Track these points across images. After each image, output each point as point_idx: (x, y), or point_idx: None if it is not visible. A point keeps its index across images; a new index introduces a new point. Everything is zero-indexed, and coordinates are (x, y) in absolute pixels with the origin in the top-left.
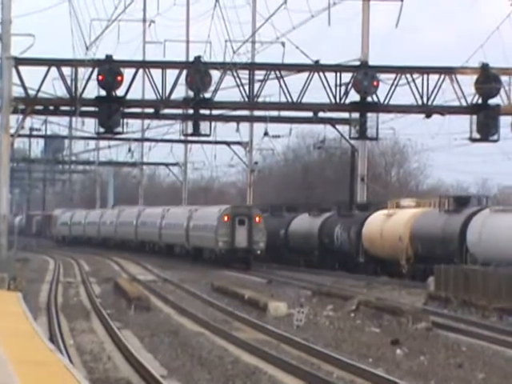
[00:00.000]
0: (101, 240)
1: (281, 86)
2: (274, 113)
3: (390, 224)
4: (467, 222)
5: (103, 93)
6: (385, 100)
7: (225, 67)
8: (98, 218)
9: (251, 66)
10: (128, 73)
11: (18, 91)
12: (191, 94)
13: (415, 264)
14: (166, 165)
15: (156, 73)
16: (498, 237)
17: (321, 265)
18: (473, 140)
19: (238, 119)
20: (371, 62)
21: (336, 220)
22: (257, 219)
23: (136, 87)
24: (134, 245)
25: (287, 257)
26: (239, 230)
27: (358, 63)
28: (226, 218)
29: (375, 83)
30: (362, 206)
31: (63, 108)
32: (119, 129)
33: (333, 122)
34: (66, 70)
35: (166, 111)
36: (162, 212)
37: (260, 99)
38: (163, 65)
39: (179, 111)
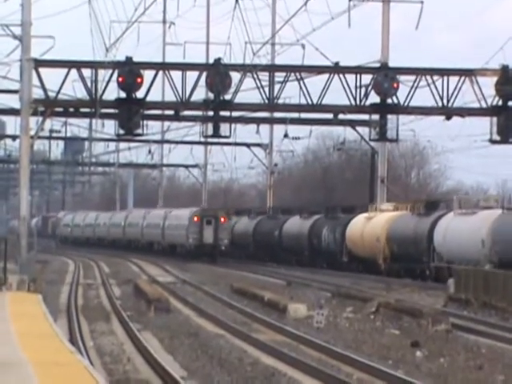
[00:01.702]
0: (96, 240)
1: (301, 87)
2: (294, 114)
3: (369, 226)
4: (434, 224)
5: (123, 94)
6: (405, 102)
7: (245, 69)
8: (94, 220)
9: (271, 68)
10: (148, 74)
11: (37, 93)
12: (211, 95)
13: (391, 263)
14: (186, 166)
15: (176, 75)
16: (460, 237)
17: (310, 264)
18: (493, 142)
19: (258, 121)
20: (391, 64)
21: (324, 222)
22: (222, 220)
23: (156, 89)
24: (122, 243)
25: (281, 256)
26: (207, 228)
27: (377, 65)
28: (195, 219)
29: (395, 85)
30: (347, 209)
31: (83, 110)
32: (139, 130)
33: (353, 123)
34: (86, 72)
35: (186, 113)
36: (144, 214)
37: (280, 101)
38: (183, 66)
39: (199, 113)
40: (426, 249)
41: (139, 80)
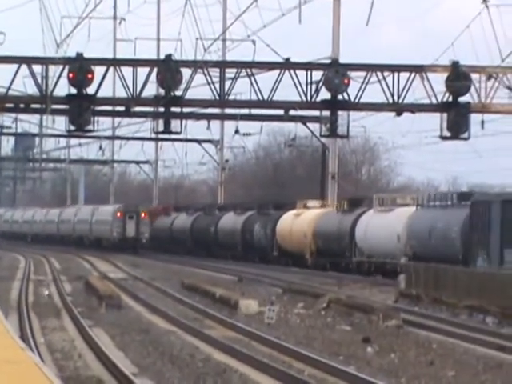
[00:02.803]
0: (33, 235)
1: (251, 83)
2: (245, 111)
3: (297, 222)
4: (356, 221)
5: (74, 91)
6: (355, 98)
7: (196, 65)
8: (31, 217)
9: (222, 64)
10: (99, 70)
11: None
12: (162, 91)
13: (317, 257)
14: (137, 162)
15: (127, 71)
16: (378, 233)
17: (243, 258)
18: (443, 138)
19: (209, 117)
20: (342, 60)
21: (256, 218)
22: (143, 215)
23: (107, 85)
24: (56, 238)
25: (217, 251)
26: (129, 223)
27: (328, 61)
28: (119, 214)
29: (346, 81)
30: (279, 206)
31: (34, 106)
32: (90, 127)
33: (304, 119)
34: (37, 68)
35: (137, 109)
36: (76, 211)
37: (231, 97)
38: (134, 63)
39: (150, 109)
40: (349, 244)
41: (90, 76)
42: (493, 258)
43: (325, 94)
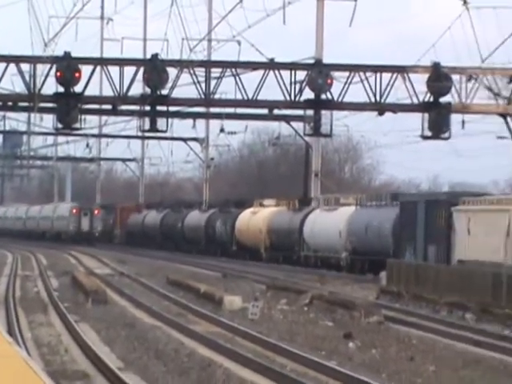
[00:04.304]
0: (5, 230)
1: (236, 83)
2: (230, 110)
3: (254, 219)
4: (304, 219)
5: (61, 89)
6: (339, 97)
7: (181, 65)
8: (3, 214)
9: (207, 64)
10: (86, 69)
11: None
12: (148, 90)
13: (271, 251)
14: (123, 160)
15: (114, 70)
16: (323, 230)
17: (206, 252)
18: (424, 137)
19: (195, 116)
20: (325, 60)
21: (218, 216)
22: (96, 212)
23: (94, 84)
24: (24, 234)
25: (183, 245)
26: (83, 219)
27: (312, 61)
28: (74, 211)
29: (329, 81)
30: (238, 204)
31: (22, 104)
32: (77, 125)
33: (287, 118)
34: (25, 67)
35: (124, 107)
36: (40, 208)
37: (216, 96)
38: (121, 62)
39: (136, 107)
40: (298, 239)
41: (77, 75)
42: (418, 252)
43: (308, 94)
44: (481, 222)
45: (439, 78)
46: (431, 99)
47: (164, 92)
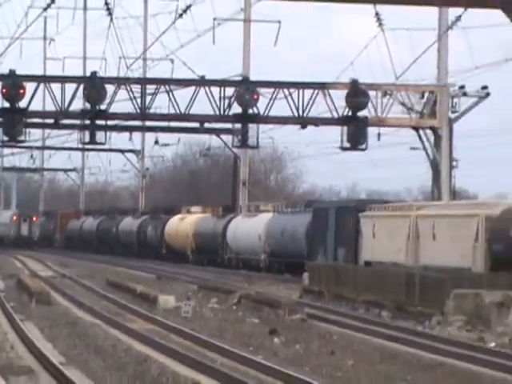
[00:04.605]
0: None
1: (170, 99)
2: (164, 123)
3: (182, 225)
4: (227, 224)
5: (7, 104)
6: (264, 112)
7: (119, 82)
8: None
9: (143, 81)
10: (30, 86)
11: None
12: (88, 106)
13: (197, 254)
14: (65, 170)
15: (56, 87)
16: (244, 234)
17: (138, 255)
18: (343, 149)
19: (131, 129)
20: (252, 78)
21: (149, 221)
22: (34, 219)
23: (37, 99)
24: None
25: (117, 249)
26: (23, 225)
27: (240, 78)
28: (15, 218)
29: (255, 97)
30: (168, 210)
31: None
32: (22, 137)
33: (217, 131)
34: None
35: (65, 121)
36: None
37: (151, 111)
38: (62, 79)
39: (77, 122)
40: (221, 243)
41: (22, 91)
42: (329, 254)
43: (236, 109)
44: (385, 227)
45: (357, 93)
46: (350, 113)
47: (103, 107)
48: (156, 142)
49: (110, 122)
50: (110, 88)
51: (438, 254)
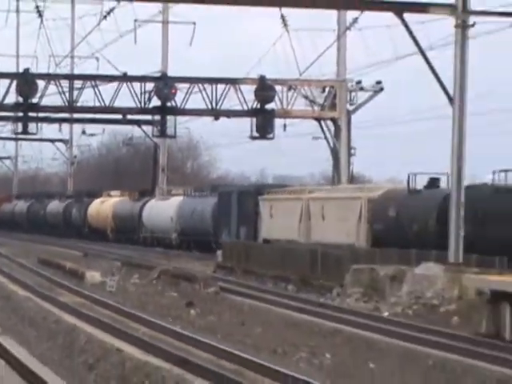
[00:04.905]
0: None
1: (95, 93)
2: (90, 115)
3: (103, 207)
4: (143, 206)
5: None
6: (181, 105)
7: (49, 77)
8: None
9: (71, 77)
10: None
11: None
12: (21, 99)
13: (116, 233)
14: (0, 158)
15: None
16: (158, 215)
17: (64, 235)
18: (253, 138)
19: (60, 121)
20: (170, 73)
21: (73, 204)
22: None
23: None
24: None
25: (46, 229)
26: None
27: (159, 75)
28: None
29: (173, 91)
30: (90, 194)
31: None
32: None
33: (139, 123)
34: None
35: (0, 114)
36: None
37: (78, 104)
38: None
39: (11, 114)
40: (138, 223)
41: None
42: (232, 233)
43: (156, 102)
44: (280, 209)
45: (264, 88)
46: (258, 106)
47: (34, 100)
48: (83, 133)
49: (41, 114)
50: (41, 83)
51: (327, 232)
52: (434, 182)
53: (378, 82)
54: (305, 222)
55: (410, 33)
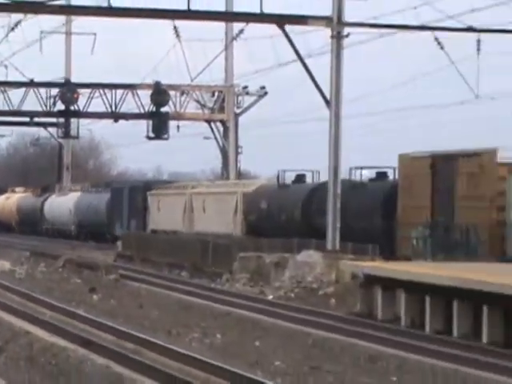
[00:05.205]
0: None
1: (4, 97)
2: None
3: (8, 202)
4: (44, 201)
5: None
6: (84, 108)
7: None
8: None
9: None
10: None
11: None
12: None
13: (20, 226)
14: None
15: None
16: (58, 209)
17: None
18: (150, 138)
19: None
20: (73, 80)
21: None
22: None
23: None
24: None
25: None
26: None
27: (63, 81)
28: None
29: (76, 96)
30: (0, 191)
31: None
32: None
33: (45, 125)
34: None
35: None
36: None
37: None
38: None
39: None
40: (40, 216)
41: None
42: (124, 225)
43: (60, 106)
44: (166, 203)
45: (159, 93)
46: (154, 109)
47: None
48: None
49: None
50: None
51: (208, 223)
52: (300, 178)
53: (263, 87)
54: (188, 214)
55: (291, 42)
